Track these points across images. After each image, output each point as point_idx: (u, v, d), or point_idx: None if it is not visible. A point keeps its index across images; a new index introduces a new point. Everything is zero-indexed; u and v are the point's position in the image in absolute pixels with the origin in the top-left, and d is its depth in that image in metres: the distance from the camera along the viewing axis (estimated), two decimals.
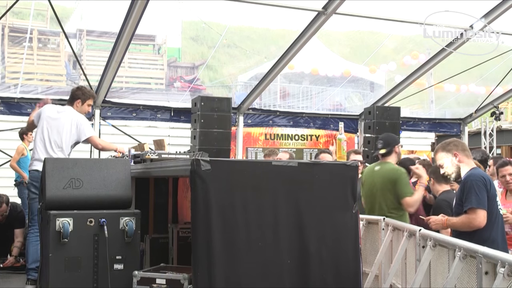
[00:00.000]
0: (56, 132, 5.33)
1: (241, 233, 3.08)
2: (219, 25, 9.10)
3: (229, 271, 3.04)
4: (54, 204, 3.84)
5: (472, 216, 3.82)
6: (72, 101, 5.58)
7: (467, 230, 3.84)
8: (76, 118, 5.43)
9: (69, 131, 5.36)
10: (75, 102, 5.55)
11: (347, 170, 3.49)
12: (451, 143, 4.16)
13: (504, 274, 2.64)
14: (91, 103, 5.75)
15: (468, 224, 3.84)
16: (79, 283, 3.71)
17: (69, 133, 5.36)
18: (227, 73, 10.73)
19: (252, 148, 11.62)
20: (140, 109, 9.59)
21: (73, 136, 5.38)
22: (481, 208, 3.81)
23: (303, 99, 11.65)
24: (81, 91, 5.64)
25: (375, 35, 9.94)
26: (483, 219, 3.80)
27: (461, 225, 3.90)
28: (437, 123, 12.03)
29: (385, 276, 4.47)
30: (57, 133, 5.33)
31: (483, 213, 3.81)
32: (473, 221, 3.82)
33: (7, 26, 8.74)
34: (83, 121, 5.46)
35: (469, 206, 3.83)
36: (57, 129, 5.34)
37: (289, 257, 3.22)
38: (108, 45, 8.41)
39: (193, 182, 3.02)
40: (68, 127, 5.36)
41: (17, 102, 8.76)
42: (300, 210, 3.28)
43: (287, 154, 5.81)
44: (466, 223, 3.86)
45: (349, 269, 3.44)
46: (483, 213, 3.81)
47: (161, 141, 5.86)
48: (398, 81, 10.77)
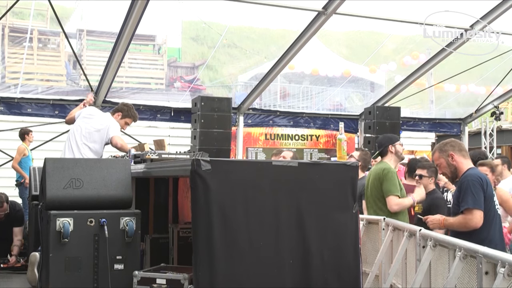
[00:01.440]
0: (86, 132, 5.56)
1: (242, 233, 3.08)
2: (219, 25, 9.10)
3: (231, 271, 3.03)
4: (54, 204, 3.83)
5: (468, 216, 3.84)
6: (114, 111, 5.88)
7: (463, 230, 3.85)
8: (109, 121, 5.69)
9: (98, 131, 5.59)
10: (116, 113, 5.84)
11: (347, 170, 3.50)
12: (448, 144, 4.16)
13: (504, 274, 2.64)
14: (129, 123, 5.99)
15: (465, 225, 3.86)
16: (79, 283, 3.71)
17: (98, 134, 5.58)
18: (227, 73, 10.73)
19: (252, 148, 11.62)
20: (140, 109, 9.57)
21: (102, 136, 5.60)
22: (477, 209, 3.82)
23: (303, 99, 11.65)
24: (127, 107, 5.92)
25: (375, 35, 9.94)
26: (479, 220, 3.82)
27: (458, 225, 3.93)
28: (437, 123, 12.03)
29: (385, 276, 4.47)
30: (88, 133, 5.56)
31: (479, 214, 3.82)
32: (469, 221, 3.84)
33: (7, 26, 8.74)
34: (112, 124, 5.69)
35: (466, 206, 3.85)
36: (88, 129, 5.58)
37: (291, 257, 3.22)
38: (108, 45, 8.42)
39: (194, 182, 3.01)
40: (98, 128, 5.59)
41: (17, 102, 8.76)
42: (300, 210, 3.28)
43: (290, 153, 5.84)
44: (462, 224, 3.89)
45: (349, 269, 3.44)
46: (480, 213, 3.82)
47: (161, 141, 5.87)
48: (398, 81, 10.78)
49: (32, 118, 9.32)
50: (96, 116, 5.75)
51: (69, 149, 5.53)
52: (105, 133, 5.61)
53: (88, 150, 5.52)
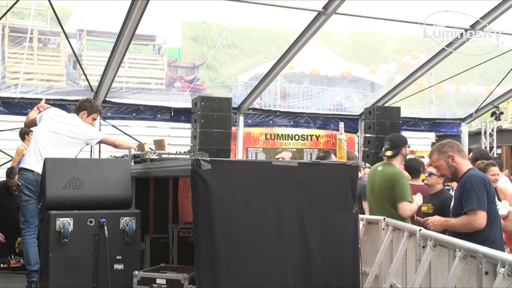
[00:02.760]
0: (55, 136, 5.29)
1: (243, 233, 3.09)
2: (219, 25, 9.10)
3: (233, 270, 3.04)
4: (54, 204, 3.84)
5: (472, 217, 3.81)
6: (78, 110, 5.63)
7: (467, 231, 3.82)
8: (78, 123, 5.43)
9: (67, 135, 5.31)
10: (81, 112, 5.60)
11: (347, 170, 3.50)
12: (447, 145, 4.13)
13: (504, 274, 2.64)
14: (96, 118, 5.78)
15: (468, 225, 3.82)
16: (79, 283, 3.71)
17: (67, 138, 5.30)
18: (227, 73, 10.73)
19: (252, 148, 11.62)
20: (140, 109, 9.59)
21: (72, 141, 5.32)
22: (482, 210, 3.79)
23: (303, 99, 11.66)
24: (89, 103, 5.69)
25: (375, 35, 9.94)
26: (483, 220, 3.79)
27: (461, 226, 3.88)
28: (437, 123, 12.02)
29: (385, 276, 4.47)
30: (57, 136, 5.29)
31: (483, 214, 3.79)
32: (473, 222, 3.80)
33: (7, 26, 8.74)
34: (87, 127, 5.46)
35: (470, 207, 3.81)
36: (57, 132, 5.31)
37: (292, 257, 3.22)
38: (108, 45, 8.41)
39: (194, 182, 3.02)
40: (66, 132, 5.32)
41: (17, 102, 8.75)
42: (300, 210, 3.29)
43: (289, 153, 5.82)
44: (466, 224, 3.84)
45: (349, 269, 3.44)
46: (483, 214, 3.79)
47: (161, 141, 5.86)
48: (398, 81, 10.78)
49: None
50: (63, 119, 5.46)
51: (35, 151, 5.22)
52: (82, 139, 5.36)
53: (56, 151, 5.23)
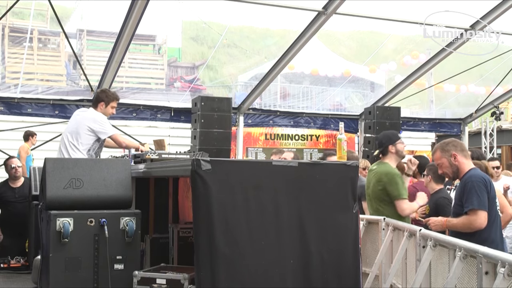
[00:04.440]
0: (74, 133, 5.46)
1: (243, 233, 3.08)
2: (219, 25, 9.10)
3: (233, 270, 3.03)
4: (54, 204, 3.83)
5: (473, 217, 3.80)
6: (96, 103, 5.68)
7: (467, 231, 3.81)
8: (94, 117, 5.54)
9: (85, 130, 5.46)
10: (99, 104, 5.65)
11: (347, 170, 3.49)
12: (450, 144, 4.13)
13: (504, 274, 2.64)
14: (115, 105, 5.81)
15: (469, 225, 3.82)
16: (79, 283, 3.71)
17: (85, 133, 5.46)
18: (227, 73, 10.74)
19: (253, 148, 11.63)
20: (140, 109, 9.59)
21: (89, 135, 5.47)
22: (482, 209, 3.79)
23: (303, 99, 11.67)
24: (104, 93, 5.74)
25: (375, 35, 9.95)
26: (484, 220, 3.78)
27: (461, 226, 3.88)
28: (437, 123, 12.03)
29: (386, 276, 4.47)
30: (76, 133, 5.45)
31: (484, 214, 3.79)
32: (474, 222, 3.80)
33: (7, 26, 8.75)
34: (101, 120, 5.55)
35: (470, 207, 3.80)
36: (75, 129, 5.47)
37: (292, 257, 3.22)
38: (108, 45, 8.42)
39: (194, 182, 3.02)
40: (83, 127, 5.46)
41: (17, 102, 8.75)
42: (300, 210, 3.28)
43: (291, 153, 5.83)
44: (467, 224, 3.84)
45: (349, 269, 3.44)
46: (484, 214, 3.79)
47: (161, 141, 5.85)
48: (398, 81, 10.78)
49: (32, 118, 9.32)
50: (81, 115, 5.64)
51: (59, 151, 5.50)
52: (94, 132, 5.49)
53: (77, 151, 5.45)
